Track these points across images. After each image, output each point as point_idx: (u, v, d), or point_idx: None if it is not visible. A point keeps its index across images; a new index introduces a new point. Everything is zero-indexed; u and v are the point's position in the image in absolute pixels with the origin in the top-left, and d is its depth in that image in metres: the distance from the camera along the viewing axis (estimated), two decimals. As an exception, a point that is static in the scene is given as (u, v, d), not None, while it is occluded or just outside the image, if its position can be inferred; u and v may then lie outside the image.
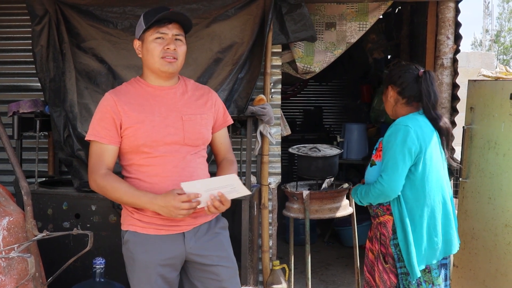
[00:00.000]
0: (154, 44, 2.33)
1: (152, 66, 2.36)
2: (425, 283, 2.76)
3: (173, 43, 2.35)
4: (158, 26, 2.33)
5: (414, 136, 2.70)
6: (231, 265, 2.45)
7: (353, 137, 6.18)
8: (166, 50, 2.34)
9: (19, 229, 2.82)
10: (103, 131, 2.31)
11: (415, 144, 2.70)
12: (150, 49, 2.34)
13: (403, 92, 2.87)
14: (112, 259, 3.24)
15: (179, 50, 2.37)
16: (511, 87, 3.30)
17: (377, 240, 2.90)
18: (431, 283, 2.77)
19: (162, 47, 2.33)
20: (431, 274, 2.77)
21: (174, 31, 2.36)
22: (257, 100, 3.93)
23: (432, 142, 2.76)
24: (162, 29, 2.33)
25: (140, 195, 2.25)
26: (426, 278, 2.77)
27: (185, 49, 2.42)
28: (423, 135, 2.73)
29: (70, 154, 3.78)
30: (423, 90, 2.81)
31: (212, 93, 2.55)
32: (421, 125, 2.76)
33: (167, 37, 2.35)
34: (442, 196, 2.78)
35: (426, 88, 2.81)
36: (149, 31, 2.34)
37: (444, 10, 4.14)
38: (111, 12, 3.90)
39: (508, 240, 3.24)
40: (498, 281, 3.32)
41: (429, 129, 2.78)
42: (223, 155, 2.58)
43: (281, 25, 4.08)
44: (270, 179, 4.19)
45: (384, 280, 2.85)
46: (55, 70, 3.85)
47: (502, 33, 22.00)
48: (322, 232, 6.44)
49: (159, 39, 2.34)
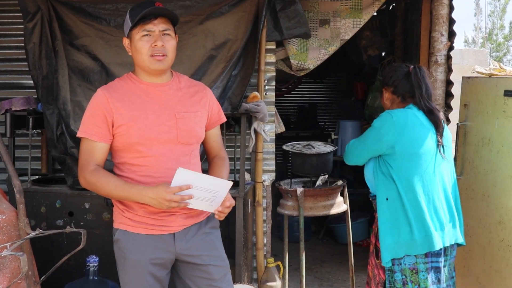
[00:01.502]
0: (141, 42, 2.30)
1: (142, 64, 2.33)
2: (411, 283, 2.74)
3: (160, 39, 2.30)
4: (144, 23, 2.28)
5: (392, 126, 2.74)
6: (223, 264, 2.44)
7: (347, 134, 6.17)
8: (154, 48, 2.29)
9: (11, 228, 2.80)
10: (93, 128, 2.29)
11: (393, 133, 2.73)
12: (138, 48, 2.30)
13: (396, 90, 2.91)
14: (106, 257, 3.23)
15: (168, 45, 2.32)
16: (505, 84, 3.30)
17: (374, 235, 2.95)
18: (417, 284, 2.73)
19: (150, 44, 2.29)
20: (418, 276, 2.74)
21: (161, 27, 2.31)
22: (251, 97, 3.93)
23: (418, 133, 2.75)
24: (148, 26, 2.29)
25: (130, 188, 2.22)
26: (412, 278, 2.74)
27: (174, 44, 2.37)
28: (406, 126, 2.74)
29: (63, 152, 3.76)
30: (414, 84, 2.84)
31: (206, 90, 2.52)
32: (407, 118, 2.76)
33: (154, 34, 2.30)
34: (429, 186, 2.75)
35: (417, 82, 2.84)
36: (136, 28, 2.30)
37: (438, 7, 4.14)
38: (104, 9, 3.88)
39: (502, 237, 3.24)
40: (492, 278, 3.33)
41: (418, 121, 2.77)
42: (215, 153, 2.57)
43: (275, 22, 4.07)
44: (264, 177, 4.18)
45: (375, 275, 2.89)
46: (47, 68, 3.83)
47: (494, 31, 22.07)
48: (316, 229, 6.44)
49: (146, 37, 2.29)
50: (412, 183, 2.72)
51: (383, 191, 2.79)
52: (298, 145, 4.11)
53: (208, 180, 2.22)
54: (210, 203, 2.25)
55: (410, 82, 2.86)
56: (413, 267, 2.74)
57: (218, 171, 2.46)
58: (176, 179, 2.15)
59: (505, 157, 3.24)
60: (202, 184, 2.19)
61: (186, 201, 2.17)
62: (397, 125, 2.74)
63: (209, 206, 2.26)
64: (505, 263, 3.20)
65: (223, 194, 2.25)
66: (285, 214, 3.96)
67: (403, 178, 2.73)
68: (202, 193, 2.20)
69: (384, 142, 2.75)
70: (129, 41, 2.37)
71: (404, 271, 2.74)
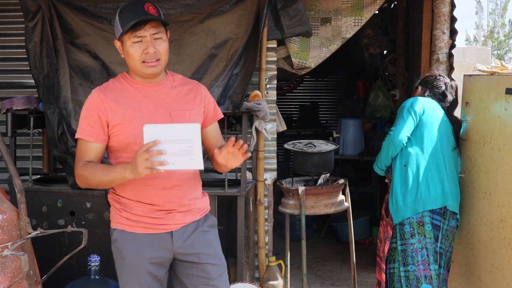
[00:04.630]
0: (132, 48, 2.27)
1: (135, 69, 2.32)
2: (418, 234, 3.25)
3: (152, 44, 2.27)
4: (134, 30, 2.26)
5: (421, 104, 3.34)
6: (220, 263, 2.43)
7: (349, 132, 6.17)
8: (146, 54, 2.27)
9: (12, 227, 2.80)
10: (88, 128, 2.29)
11: (420, 108, 3.32)
12: (130, 54, 2.28)
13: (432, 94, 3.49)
14: (107, 256, 3.20)
15: (160, 49, 2.30)
16: (507, 81, 3.29)
17: (385, 202, 3.44)
18: (423, 235, 3.24)
19: (142, 50, 2.27)
20: (424, 228, 3.25)
21: (152, 31, 2.28)
22: (252, 96, 3.92)
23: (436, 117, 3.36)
24: (138, 32, 2.26)
25: (114, 168, 2.22)
26: (419, 230, 3.25)
27: (166, 45, 2.34)
28: (430, 107, 3.35)
29: (65, 151, 3.76)
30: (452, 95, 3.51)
31: (200, 88, 2.50)
32: (430, 102, 3.39)
33: (146, 40, 2.27)
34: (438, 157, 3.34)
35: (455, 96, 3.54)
36: (127, 34, 2.28)
37: (439, 5, 4.13)
38: (105, 8, 3.88)
39: (504, 235, 3.24)
40: (494, 275, 3.32)
41: (438, 110, 3.38)
42: (216, 147, 2.55)
43: (276, 21, 4.06)
44: (265, 175, 4.18)
45: (384, 231, 3.40)
46: (48, 67, 3.83)
47: (496, 29, 22.06)
48: (318, 228, 6.44)
49: (138, 43, 2.27)
50: (432, 148, 3.32)
51: (400, 160, 3.35)
52: (300, 143, 4.11)
53: (174, 128, 2.12)
54: (190, 156, 2.09)
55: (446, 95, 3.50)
56: (419, 220, 3.25)
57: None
58: (146, 138, 2.08)
59: (507, 155, 3.23)
60: (170, 135, 2.09)
61: (163, 160, 2.06)
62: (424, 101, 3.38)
63: (190, 160, 2.10)
64: (507, 261, 3.19)
65: (197, 139, 2.09)
66: (287, 213, 3.96)
67: (424, 144, 3.32)
68: (175, 145, 2.08)
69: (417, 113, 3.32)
70: (120, 44, 2.35)
71: (412, 224, 3.26)
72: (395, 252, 3.33)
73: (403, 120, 3.33)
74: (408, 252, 3.26)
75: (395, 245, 3.32)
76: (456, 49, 4.47)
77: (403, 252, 3.28)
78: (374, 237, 5.95)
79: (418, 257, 3.24)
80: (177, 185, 2.32)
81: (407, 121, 3.32)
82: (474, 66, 3.78)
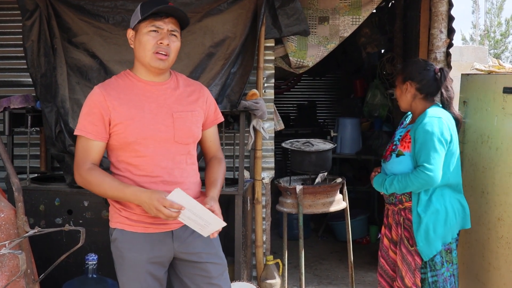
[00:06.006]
0: (147, 36, 2.28)
1: (143, 59, 2.31)
2: (446, 262, 3.02)
3: (167, 38, 2.29)
4: (154, 18, 2.27)
5: (447, 127, 2.97)
6: (220, 261, 2.44)
7: (346, 131, 6.18)
8: (159, 45, 2.28)
9: (10, 226, 2.80)
10: (89, 126, 2.27)
11: (449, 134, 2.97)
12: (143, 42, 2.29)
13: (422, 88, 3.07)
14: (105, 255, 3.22)
15: (172, 46, 2.32)
16: (504, 80, 3.29)
17: (399, 225, 3.09)
18: (451, 262, 3.03)
19: (156, 41, 2.28)
20: (452, 255, 3.03)
21: (170, 26, 2.30)
22: (250, 95, 3.92)
23: (455, 131, 3.05)
24: (158, 23, 2.28)
25: (124, 188, 2.21)
26: (447, 258, 3.02)
27: (178, 46, 2.36)
28: (452, 126, 3.02)
29: (62, 149, 3.76)
30: (442, 87, 3.06)
31: (204, 90, 2.50)
32: (448, 117, 3.02)
33: (162, 32, 2.29)
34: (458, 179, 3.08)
35: (446, 86, 3.07)
36: (145, 22, 2.28)
37: (437, 4, 4.13)
38: (103, 6, 3.87)
39: (501, 234, 3.24)
40: (491, 275, 3.32)
41: (452, 120, 3.05)
42: (212, 153, 2.55)
43: (274, 19, 4.06)
44: (263, 174, 4.18)
45: (408, 262, 3.01)
46: (46, 65, 3.83)
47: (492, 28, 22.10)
48: (315, 227, 6.44)
49: (154, 32, 2.28)
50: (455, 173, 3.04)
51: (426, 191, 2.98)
52: (297, 142, 4.11)
53: (203, 210, 2.19)
54: (201, 227, 2.24)
55: (438, 84, 3.06)
56: (447, 247, 3.02)
57: (215, 172, 2.46)
58: (172, 196, 2.14)
59: (504, 154, 3.24)
60: (195, 211, 2.18)
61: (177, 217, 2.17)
62: (447, 122, 3.00)
63: (199, 229, 2.24)
64: (504, 260, 3.20)
65: (215, 228, 2.24)
66: (284, 212, 3.96)
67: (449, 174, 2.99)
68: (194, 217, 2.19)
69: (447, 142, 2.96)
70: (133, 33, 2.34)
71: (441, 253, 3.00)
72: (424, 283, 3.03)
73: (438, 156, 2.91)
74: (440, 284, 3.01)
75: (424, 276, 3.03)
76: (454, 48, 4.47)
77: (434, 284, 3.02)
78: (372, 236, 5.96)
79: (447, 285, 3.04)
80: (177, 184, 2.32)
81: (441, 156, 2.94)
82: (471, 65, 3.79)
